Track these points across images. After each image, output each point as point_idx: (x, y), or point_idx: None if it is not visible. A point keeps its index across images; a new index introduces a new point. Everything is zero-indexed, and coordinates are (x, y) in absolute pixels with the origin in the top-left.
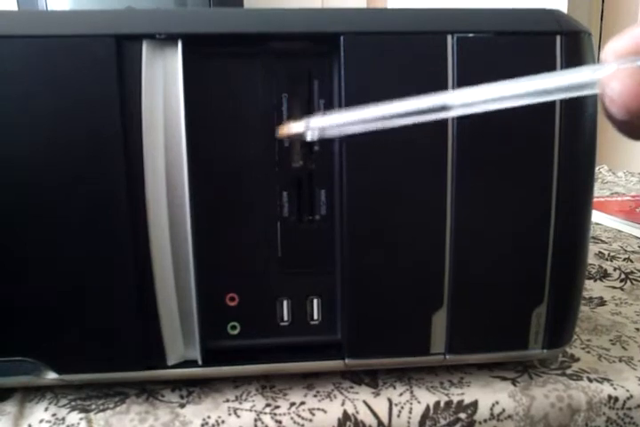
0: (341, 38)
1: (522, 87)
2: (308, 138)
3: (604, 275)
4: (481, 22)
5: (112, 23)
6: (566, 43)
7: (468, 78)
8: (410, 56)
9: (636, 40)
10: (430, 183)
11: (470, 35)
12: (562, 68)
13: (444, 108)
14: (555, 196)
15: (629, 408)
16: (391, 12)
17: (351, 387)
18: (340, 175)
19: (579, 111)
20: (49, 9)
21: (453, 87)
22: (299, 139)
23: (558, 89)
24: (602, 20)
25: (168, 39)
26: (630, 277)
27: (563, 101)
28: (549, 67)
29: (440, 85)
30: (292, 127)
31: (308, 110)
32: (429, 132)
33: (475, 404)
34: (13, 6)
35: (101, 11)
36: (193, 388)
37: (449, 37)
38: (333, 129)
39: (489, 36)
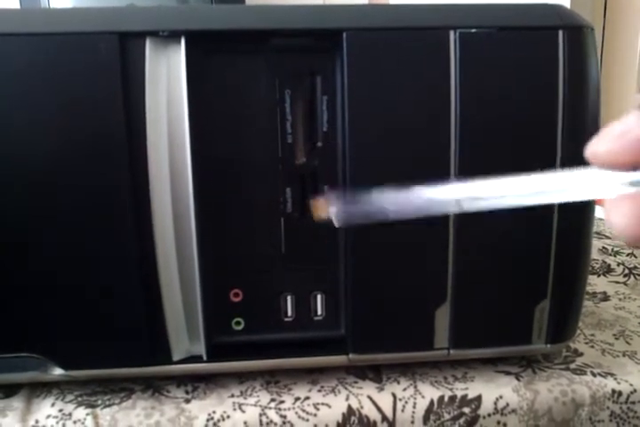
0: (344, 34)
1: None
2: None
3: (608, 270)
4: (483, 17)
5: (115, 21)
6: (568, 37)
7: (470, 74)
8: (412, 52)
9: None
10: (433, 178)
11: (473, 30)
12: (564, 62)
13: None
14: None
15: (633, 402)
16: (393, 7)
17: (355, 382)
18: (343, 171)
19: (580, 106)
20: (51, 7)
21: (456, 82)
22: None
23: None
24: (605, 14)
25: (171, 36)
26: (634, 272)
27: (563, 100)
28: (552, 61)
29: (443, 81)
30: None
31: (310, 106)
32: (431, 130)
33: (478, 398)
34: (16, 4)
35: (104, 8)
36: (198, 383)
37: (451, 33)
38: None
39: (491, 32)
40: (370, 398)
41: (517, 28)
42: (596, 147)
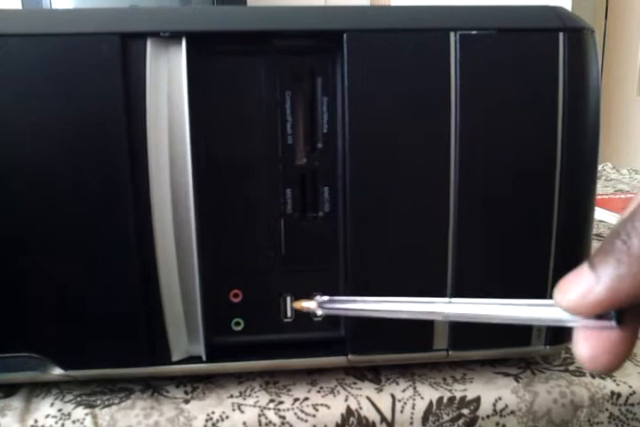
0: (345, 36)
1: (510, 311)
2: (318, 313)
3: None
4: (483, 19)
5: (117, 21)
6: (569, 40)
7: (470, 75)
8: (413, 53)
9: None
10: (433, 181)
11: (473, 32)
12: (564, 64)
13: (441, 315)
14: (557, 193)
15: (632, 404)
16: (394, 9)
17: (354, 383)
18: (343, 172)
19: (580, 109)
20: (53, 8)
21: (456, 84)
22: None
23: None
24: (606, 17)
25: (172, 37)
26: None
27: (564, 102)
28: (552, 64)
29: (443, 82)
30: (304, 304)
31: (311, 107)
32: (432, 132)
33: (477, 400)
34: (18, 5)
35: (106, 9)
36: (197, 384)
37: (452, 34)
38: (340, 310)
39: (491, 33)
40: (369, 399)
41: (518, 30)
42: (563, 296)
